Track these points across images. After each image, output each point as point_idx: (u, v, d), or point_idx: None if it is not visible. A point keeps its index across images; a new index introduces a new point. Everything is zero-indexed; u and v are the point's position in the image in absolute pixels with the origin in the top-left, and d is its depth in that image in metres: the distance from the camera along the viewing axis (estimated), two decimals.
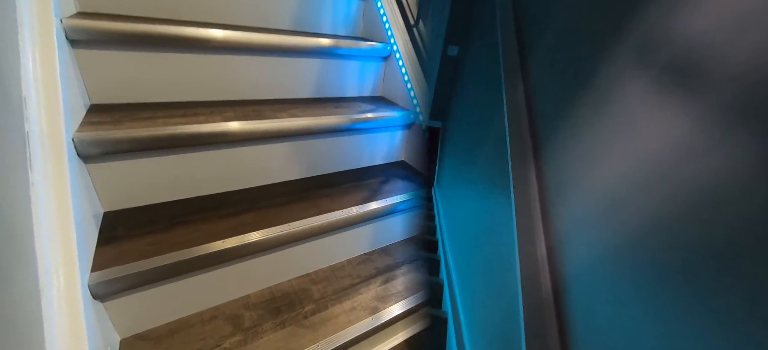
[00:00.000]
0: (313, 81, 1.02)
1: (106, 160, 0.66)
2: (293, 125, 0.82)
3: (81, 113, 0.68)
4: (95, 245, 0.62)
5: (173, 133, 0.68)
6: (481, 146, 0.71)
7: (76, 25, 0.66)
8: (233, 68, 0.87)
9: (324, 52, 0.98)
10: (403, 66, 1.06)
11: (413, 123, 1.06)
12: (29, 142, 0.52)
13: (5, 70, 0.50)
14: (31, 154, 0.51)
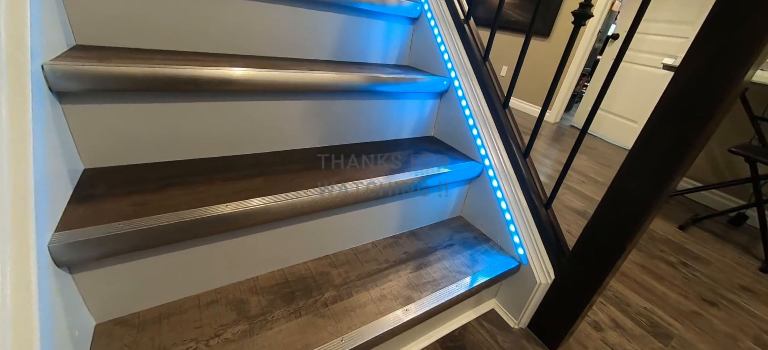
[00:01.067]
0: (333, 41, 0.89)
1: (87, 100, 0.54)
2: (312, 79, 0.69)
3: (60, 48, 0.57)
4: (66, 203, 0.49)
5: (173, 74, 0.56)
6: None
7: None
8: (245, 17, 0.75)
9: (346, 5, 0.86)
10: (436, 26, 0.93)
11: (446, 90, 0.93)
12: None
13: None
14: None
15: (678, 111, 0.52)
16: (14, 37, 0.44)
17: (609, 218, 0.63)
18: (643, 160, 0.57)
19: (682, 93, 0.51)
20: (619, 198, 0.61)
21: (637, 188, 0.58)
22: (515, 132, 0.82)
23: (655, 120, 0.55)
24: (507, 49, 3.47)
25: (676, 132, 0.52)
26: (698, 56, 0.49)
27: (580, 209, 1.54)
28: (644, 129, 0.56)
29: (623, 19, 2.78)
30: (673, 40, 2.43)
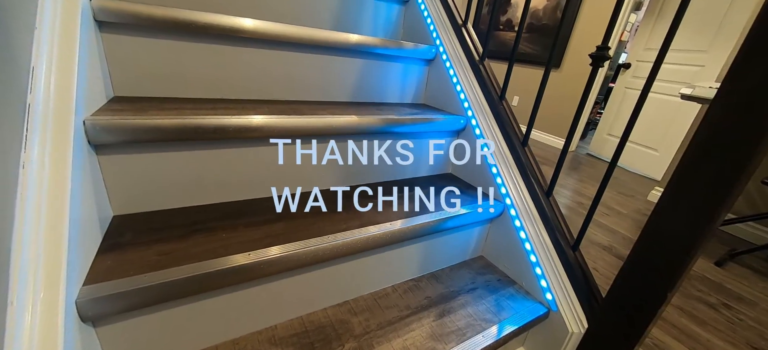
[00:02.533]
0: (352, 83, 0.92)
1: (121, 151, 0.56)
2: (331, 123, 0.71)
3: (101, 101, 0.60)
4: (95, 253, 0.50)
5: (201, 124, 0.58)
6: None
7: (105, 6, 0.60)
8: (268, 65, 0.79)
9: (365, 51, 0.89)
10: (452, 67, 0.95)
11: (464, 128, 0.93)
12: (29, 115, 0.42)
13: (16, 34, 0.42)
14: (30, 130, 0.42)
15: (716, 146, 0.49)
16: (62, 94, 0.47)
17: (647, 262, 0.59)
18: (680, 199, 0.54)
19: (719, 126, 0.49)
20: (657, 240, 0.57)
21: (676, 230, 0.54)
22: (536, 170, 0.81)
23: (691, 156, 0.52)
24: (518, 79, 3.52)
25: (715, 169, 0.49)
26: (738, 85, 0.46)
27: (606, 244, 1.47)
28: (679, 167, 0.53)
29: (634, 48, 2.80)
30: (687, 68, 2.41)
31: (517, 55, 3.58)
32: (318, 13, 0.99)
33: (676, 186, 0.54)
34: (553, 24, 3.13)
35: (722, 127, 0.49)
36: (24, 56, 0.44)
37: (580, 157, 3.03)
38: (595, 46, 0.66)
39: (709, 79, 2.27)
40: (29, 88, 0.44)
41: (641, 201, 2.09)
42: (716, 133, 0.49)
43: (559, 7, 3.05)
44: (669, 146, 2.51)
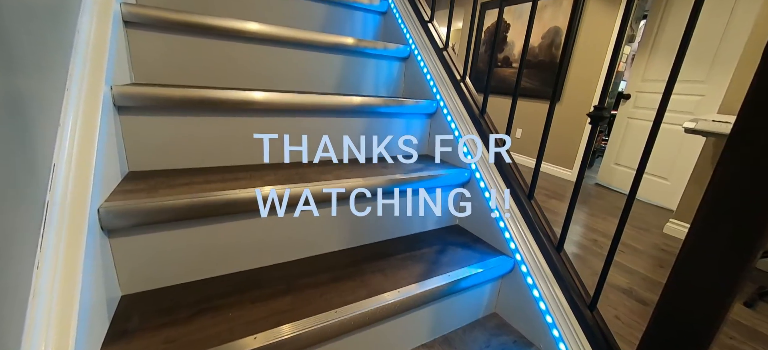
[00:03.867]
0: (356, 142, 0.95)
1: (132, 233, 0.57)
2: (338, 186, 0.72)
3: (115, 181, 0.63)
4: (102, 340, 0.49)
5: (209, 201, 0.59)
6: None
7: (125, 92, 0.64)
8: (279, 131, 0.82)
9: (369, 110, 0.93)
10: (453, 121, 0.97)
11: (468, 181, 0.93)
12: (47, 213, 0.44)
13: (40, 134, 0.45)
14: (46, 229, 0.43)
15: (736, 193, 0.47)
16: (80, 187, 0.49)
17: (676, 318, 0.55)
18: (707, 243, 0.50)
19: (741, 173, 0.46)
20: (685, 291, 0.53)
21: (706, 279, 0.51)
22: (544, 224, 0.80)
23: (711, 205, 0.49)
24: (519, 112, 3.57)
25: (740, 220, 0.47)
26: (759, 122, 0.44)
27: (625, 287, 1.40)
28: (698, 216, 0.50)
29: (632, 79, 2.85)
30: (688, 98, 2.43)
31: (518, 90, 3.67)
32: (322, 78, 1.04)
33: (702, 228, 0.51)
34: (548, 60, 3.23)
35: (742, 174, 0.46)
36: (46, 153, 0.47)
37: (588, 187, 2.99)
38: (593, 106, 0.67)
39: (711, 109, 2.27)
40: (49, 186, 0.46)
41: (657, 234, 2.03)
42: (736, 179, 0.47)
43: (553, 44, 3.16)
44: (679, 175, 2.47)
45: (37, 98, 0.45)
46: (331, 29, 1.21)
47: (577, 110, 3.04)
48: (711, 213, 0.50)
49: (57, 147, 0.49)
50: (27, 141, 0.41)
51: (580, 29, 2.96)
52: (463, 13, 4.59)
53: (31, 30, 0.45)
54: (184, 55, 0.84)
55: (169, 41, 0.82)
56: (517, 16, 3.49)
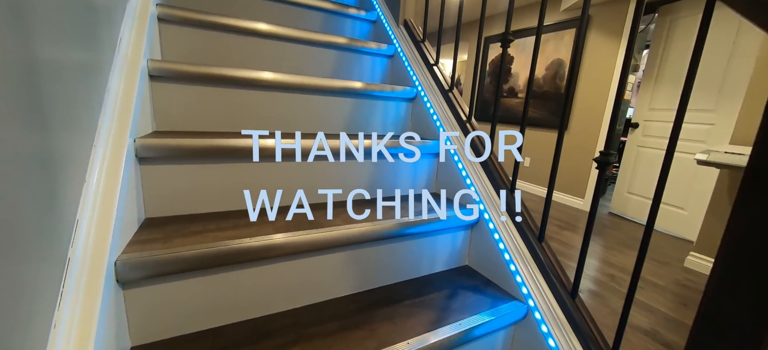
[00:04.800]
0: (366, 181, 0.96)
1: (145, 284, 0.58)
2: (347, 233, 0.73)
3: (133, 229, 0.65)
4: None
5: (221, 251, 0.61)
6: None
7: (147, 144, 0.68)
8: (284, 174, 0.85)
9: (378, 152, 0.95)
10: (460, 161, 0.99)
11: (477, 222, 0.93)
12: (67, 270, 0.46)
13: (66, 191, 0.48)
14: (65, 287, 0.45)
15: (756, 240, 0.45)
16: (100, 243, 0.51)
17: None
18: (738, 279, 0.48)
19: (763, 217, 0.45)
20: (716, 333, 0.50)
21: (739, 318, 0.47)
22: (557, 269, 0.78)
23: (729, 266, 0.48)
24: (527, 142, 3.58)
25: (761, 288, 0.45)
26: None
27: (647, 328, 1.33)
28: (730, 240, 0.47)
29: (639, 108, 2.85)
30: (699, 126, 2.41)
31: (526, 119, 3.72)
32: (332, 119, 1.08)
33: (732, 263, 0.48)
34: (553, 90, 3.27)
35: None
36: (71, 210, 0.49)
37: (602, 216, 2.91)
38: (599, 151, 0.67)
39: (722, 138, 2.24)
40: (71, 242, 0.48)
41: (677, 268, 1.94)
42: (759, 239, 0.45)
43: (557, 75, 3.22)
44: (695, 204, 2.40)
45: (66, 156, 0.48)
46: (341, 72, 1.27)
47: (585, 138, 3.04)
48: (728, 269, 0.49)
49: (81, 203, 0.51)
50: (54, 198, 0.43)
51: (583, 60, 3.02)
52: (468, 45, 4.75)
53: (65, 89, 0.48)
54: (203, 102, 0.89)
55: (190, 91, 0.87)
56: (521, 49, 3.60)
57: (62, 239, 0.46)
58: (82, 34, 0.55)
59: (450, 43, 4.71)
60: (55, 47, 0.46)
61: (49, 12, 0.45)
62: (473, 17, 4.05)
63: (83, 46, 0.55)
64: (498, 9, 3.64)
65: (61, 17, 0.48)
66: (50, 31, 0.45)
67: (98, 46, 0.62)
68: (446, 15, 4.13)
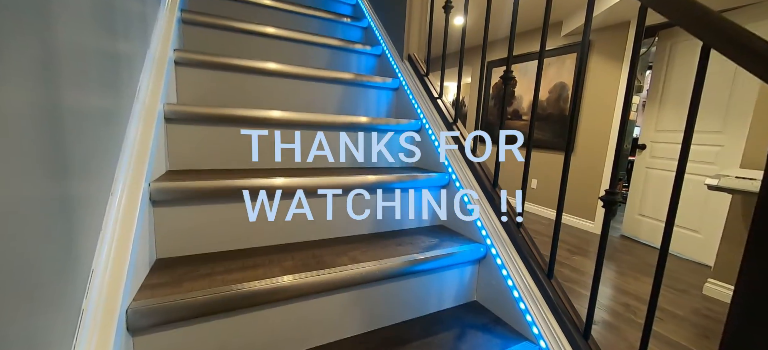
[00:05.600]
0: (372, 217, 0.97)
1: (154, 331, 0.59)
2: (354, 273, 0.73)
3: (144, 271, 0.66)
4: None
5: (229, 295, 0.61)
6: None
7: (161, 187, 0.70)
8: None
9: (384, 186, 0.96)
10: (465, 194, 0.99)
11: (484, 257, 0.92)
12: (81, 322, 0.47)
13: (83, 239, 0.49)
14: (79, 340, 0.45)
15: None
16: (113, 292, 0.52)
17: None
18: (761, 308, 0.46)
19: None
20: None
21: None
22: (568, 308, 0.76)
23: (739, 319, 0.47)
24: (534, 163, 3.58)
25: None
26: None
27: None
28: (749, 267, 0.46)
29: (645, 130, 2.84)
30: (708, 148, 2.39)
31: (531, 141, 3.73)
32: (340, 152, 1.10)
33: (751, 305, 0.47)
34: (557, 113, 3.29)
35: None
36: (87, 259, 0.51)
37: (614, 240, 2.84)
38: (604, 190, 0.67)
39: (732, 160, 2.21)
40: (86, 294, 0.49)
41: (696, 296, 1.87)
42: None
43: (560, 97, 3.25)
44: (710, 227, 2.33)
45: (85, 204, 0.49)
46: (348, 106, 1.30)
47: (592, 158, 3.02)
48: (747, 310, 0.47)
49: (97, 253, 0.53)
50: (72, 248, 0.45)
51: (586, 82, 3.05)
52: (471, 69, 4.84)
53: (87, 136, 0.50)
54: (215, 141, 0.92)
55: (202, 131, 0.91)
56: (524, 73, 3.66)
57: (77, 290, 0.47)
58: (105, 82, 0.58)
59: (453, 68, 4.82)
60: (79, 95, 0.48)
61: (76, 60, 0.48)
62: (476, 43, 4.16)
63: (105, 94, 0.58)
64: (498, 35, 3.74)
65: (87, 66, 0.51)
66: (76, 80, 0.47)
67: (119, 94, 0.66)
68: (449, 41, 4.25)
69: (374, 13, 1.64)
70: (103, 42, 0.58)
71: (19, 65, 0.34)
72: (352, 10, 1.85)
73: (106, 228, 0.56)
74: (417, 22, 1.40)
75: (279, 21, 1.49)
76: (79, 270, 0.47)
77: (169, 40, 0.98)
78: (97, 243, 0.54)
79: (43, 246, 0.37)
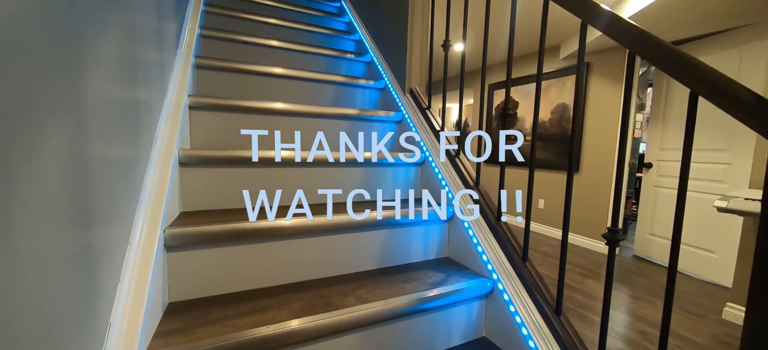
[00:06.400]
0: (377, 252, 0.98)
1: None
2: (362, 315, 0.74)
3: (158, 317, 0.68)
4: None
5: (240, 342, 0.62)
6: None
7: (175, 233, 0.73)
8: (302, 252, 0.88)
9: (388, 222, 0.98)
10: (470, 228, 1.00)
11: (491, 292, 0.92)
12: None
13: (103, 294, 0.51)
14: None
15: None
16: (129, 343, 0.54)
17: None
18: None
19: None
20: None
21: None
22: (578, 345, 0.75)
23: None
24: (540, 182, 3.57)
25: None
26: None
27: None
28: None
29: (650, 148, 2.84)
30: (715, 166, 2.37)
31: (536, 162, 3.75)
32: (345, 187, 1.13)
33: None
34: (560, 133, 3.31)
35: None
36: (105, 312, 0.53)
37: (626, 261, 2.78)
38: (607, 228, 0.68)
39: (740, 177, 2.19)
40: (103, 348, 0.51)
41: (715, 321, 1.80)
42: None
43: (563, 118, 3.28)
44: (725, 247, 2.28)
45: (105, 254, 0.52)
46: (353, 138, 1.34)
47: (598, 176, 3.01)
48: None
49: (114, 305, 0.55)
50: (91, 300, 0.47)
51: (587, 101, 3.08)
52: (473, 91, 4.93)
53: (108, 185, 0.52)
54: (226, 182, 0.96)
55: (214, 173, 0.95)
56: (525, 95, 3.72)
57: (95, 345, 0.49)
58: (127, 132, 0.62)
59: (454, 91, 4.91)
60: (104, 146, 0.51)
61: (102, 113, 0.50)
62: (476, 66, 4.26)
63: (127, 143, 0.62)
64: (496, 59, 3.83)
65: (112, 117, 0.54)
66: (102, 132, 0.50)
67: (139, 142, 0.70)
68: (450, 65, 4.36)
69: (377, 48, 1.71)
70: (126, 92, 0.62)
71: (52, 119, 0.37)
72: (356, 46, 1.94)
73: (123, 278, 0.58)
74: (417, 56, 1.46)
75: (286, 59, 1.57)
76: (97, 323, 0.49)
77: (185, 86, 1.04)
78: (115, 295, 0.56)
79: (65, 300, 0.39)
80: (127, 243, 0.62)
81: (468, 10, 1.13)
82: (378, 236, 0.98)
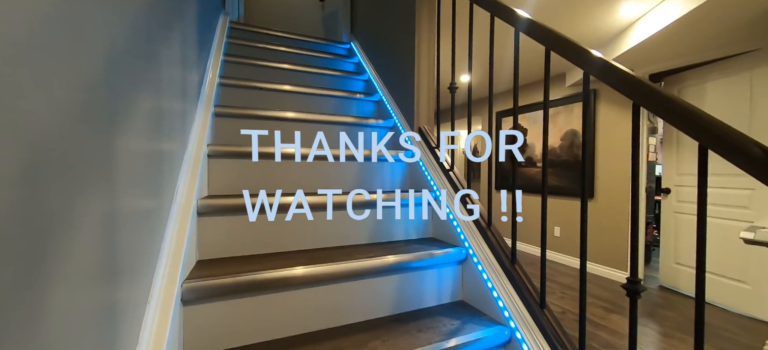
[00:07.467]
0: (391, 298, 0.97)
1: None
2: None
3: None
4: None
5: None
6: None
7: (192, 287, 0.75)
8: (315, 300, 0.88)
9: (401, 267, 0.97)
10: (484, 270, 0.99)
11: (509, 341, 0.89)
12: None
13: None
14: None
15: None
16: None
17: None
18: None
19: None
20: None
21: None
22: None
23: None
24: (555, 210, 3.49)
25: None
26: None
27: None
28: None
29: (667, 172, 2.77)
30: (739, 191, 2.28)
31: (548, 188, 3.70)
32: (358, 231, 1.14)
33: None
34: (572, 159, 3.28)
35: None
36: None
37: (652, 293, 2.64)
38: (626, 278, 0.66)
39: (766, 206, 2.10)
40: None
41: None
42: None
43: (573, 144, 3.26)
44: (758, 277, 2.15)
45: (126, 312, 0.53)
46: (364, 180, 1.36)
47: (616, 201, 2.93)
48: None
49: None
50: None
51: (597, 127, 3.07)
52: (481, 118, 4.98)
53: (133, 243, 0.54)
54: (242, 230, 0.98)
55: (231, 221, 0.97)
56: (533, 121, 3.73)
57: None
58: (152, 184, 0.65)
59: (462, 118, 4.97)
60: (131, 201, 0.53)
61: (131, 168, 0.53)
62: (484, 94, 4.33)
63: (151, 197, 0.65)
64: (500, 87, 3.89)
65: (138, 171, 0.57)
66: (129, 187, 0.53)
67: (161, 195, 0.73)
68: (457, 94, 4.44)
69: (385, 88, 1.78)
70: (153, 145, 0.66)
71: (87, 176, 0.40)
72: (365, 85, 2.01)
73: (142, 339, 0.59)
74: (425, 96, 1.50)
75: (300, 103, 1.64)
76: None
77: (204, 136, 1.09)
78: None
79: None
80: (146, 302, 0.64)
81: (472, 46, 1.18)
82: (391, 282, 0.97)
